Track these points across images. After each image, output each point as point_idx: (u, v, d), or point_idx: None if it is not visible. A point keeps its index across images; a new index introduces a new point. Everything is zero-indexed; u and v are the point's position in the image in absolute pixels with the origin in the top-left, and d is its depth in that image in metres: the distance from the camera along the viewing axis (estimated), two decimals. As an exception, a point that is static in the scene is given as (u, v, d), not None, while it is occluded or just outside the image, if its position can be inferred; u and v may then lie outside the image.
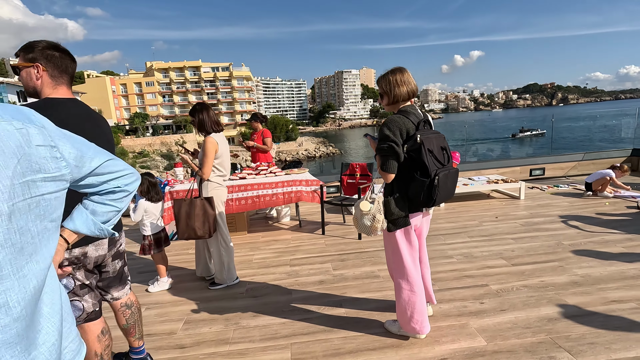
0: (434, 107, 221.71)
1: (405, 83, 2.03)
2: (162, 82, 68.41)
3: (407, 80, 2.04)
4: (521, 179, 6.92)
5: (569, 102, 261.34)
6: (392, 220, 2.05)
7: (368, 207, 2.03)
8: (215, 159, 2.94)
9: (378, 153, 2.01)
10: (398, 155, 1.95)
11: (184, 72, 68.86)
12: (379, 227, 2.04)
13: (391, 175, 2.02)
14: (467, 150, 13.77)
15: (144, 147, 51.58)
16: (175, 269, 3.76)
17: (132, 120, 58.70)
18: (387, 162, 1.99)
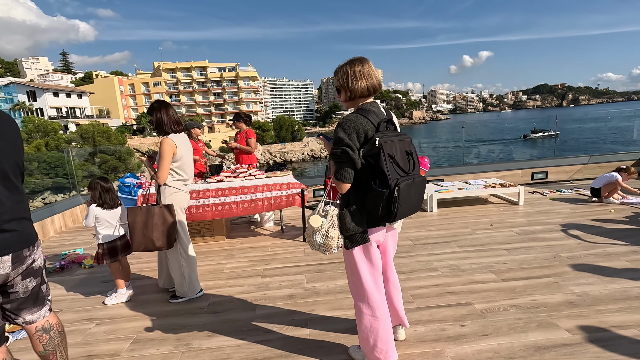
0: (442, 107, 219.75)
1: (366, 76, 1.75)
2: (170, 83, 68.91)
3: (367, 73, 1.76)
4: (522, 182, 6.57)
5: (580, 103, 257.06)
6: (348, 237, 1.78)
7: (319, 223, 1.75)
8: (173, 162, 2.70)
9: (332, 158, 1.74)
10: (354, 162, 1.67)
11: (191, 73, 69.23)
12: (333, 245, 1.77)
13: (346, 185, 1.75)
14: (469, 152, 13.39)
15: (150, 146, 51.91)
16: (140, 278, 3.53)
17: (139, 120, 59.20)
18: (341, 170, 1.72)
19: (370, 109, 1.75)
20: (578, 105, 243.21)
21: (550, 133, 50.92)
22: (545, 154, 27.12)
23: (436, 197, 5.19)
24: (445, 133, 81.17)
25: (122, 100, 66.77)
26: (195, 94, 69.24)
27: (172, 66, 69.59)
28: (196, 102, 68.96)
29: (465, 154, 13.24)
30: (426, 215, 5.08)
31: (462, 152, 8.76)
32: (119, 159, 40.26)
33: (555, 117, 14.69)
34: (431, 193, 5.21)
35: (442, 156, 13.70)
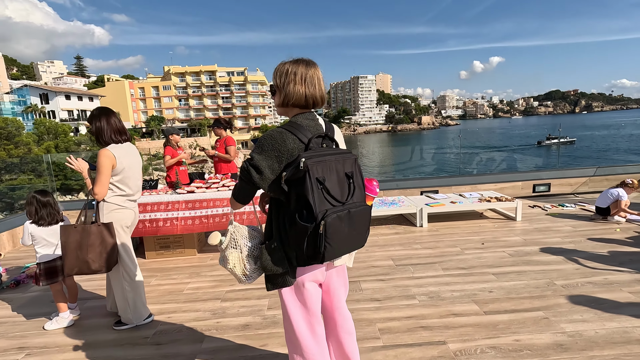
0: (451, 113, 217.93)
1: (307, 83, 1.45)
2: (179, 86, 69.75)
3: (311, 79, 1.46)
4: (523, 195, 6.18)
5: (593, 110, 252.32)
6: (267, 277, 1.48)
7: (217, 240, 1.48)
8: (113, 176, 2.43)
9: (240, 171, 1.47)
10: (254, 185, 1.40)
11: (200, 77, 69.95)
12: (238, 273, 1.48)
13: (237, 204, 1.47)
14: (471, 160, 12.86)
15: (158, 149, 52.27)
16: (93, 298, 3.27)
17: (148, 123, 59.88)
18: (237, 186, 1.45)
19: (304, 123, 1.45)
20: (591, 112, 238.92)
21: (566, 140, 49.68)
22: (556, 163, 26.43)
23: (426, 211, 4.85)
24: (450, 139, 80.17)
25: (133, 103, 67.80)
26: (204, 98, 69.89)
27: (181, 70, 70.46)
28: (205, 105, 69.64)
29: (467, 162, 12.73)
30: (415, 231, 4.74)
31: (461, 161, 8.37)
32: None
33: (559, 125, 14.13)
34: (421, 207, 4.87)
35: (442, 164, 13.26)
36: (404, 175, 17.81)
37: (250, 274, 1.53)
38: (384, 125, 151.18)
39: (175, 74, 69.70)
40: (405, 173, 13.63)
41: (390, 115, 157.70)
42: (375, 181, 1.55)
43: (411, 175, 15.76)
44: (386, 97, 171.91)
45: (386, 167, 22.81)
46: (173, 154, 5.05)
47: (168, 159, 4.99)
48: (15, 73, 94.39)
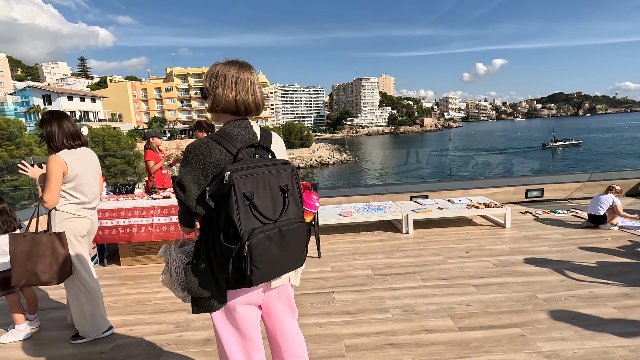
0: (454, 115, 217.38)
1: (239, 87, 1.33)
2: (181, 88, 70.05)
3: (243, 83, 1.34)
4: (515, 201, 6.02)
5: (597, 112, 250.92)
6: (193, 299, 1.36)
7: (160, 253, 1.37)
8: (65, 183, 2.32)
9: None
10: (183, 205, 1.28)
11: (202, 78, 70.12)
12: (178, 289, 1.37)
13: (187, 229, 1.35)
14: (466, 164, 12.66)
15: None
16: (58, 308, 3.15)
17: (150, 124, 60.07)
18: (179, 209, 1.32)
19: (234, 132, 1.33)
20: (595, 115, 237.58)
21: (572, 142, 49.12)
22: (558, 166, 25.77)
23: (412, 218, 4.71)
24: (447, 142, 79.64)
25: (135, 104, 68.18)
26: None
27: (184, 72, 70.79)
28: (206, 107, 69.61)
29: (463, 165, 12.54)
30: (400, 238, 4.60)
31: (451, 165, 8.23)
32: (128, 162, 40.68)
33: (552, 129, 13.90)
34: (407, 213, 4.73)
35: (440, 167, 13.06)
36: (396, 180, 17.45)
37: (185, 298, 1.41)
38: (386, 127, 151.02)
39: (177, 75, 70.02)
40: (399, 177, 13.50)
41: (392, 117, 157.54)
42: (314, 194, 1.42)
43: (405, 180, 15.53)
44: (388, 99, 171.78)
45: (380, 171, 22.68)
46: (155, 158, 4.95)
47: (152, 165, 4.90)
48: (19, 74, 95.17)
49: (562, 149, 47.37)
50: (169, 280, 1.35)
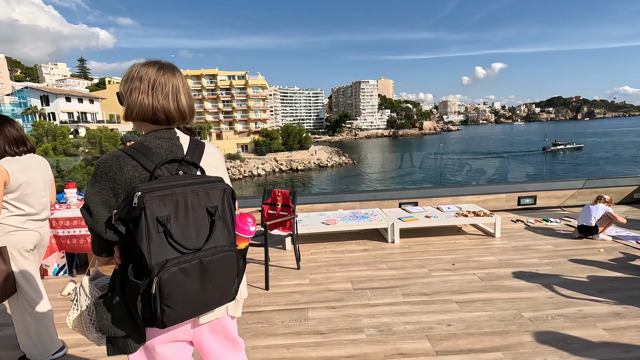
0: (453, 118, 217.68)
1: (158, 92, 1.14)
2: (180, 90, 70.03)
3: (161, 87, 1.14)
4: (507, 208, 5.85)
5: (595, 117, 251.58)
6: (108, 339, 1.17)
7: (67, 290, 1.18)
8: (8, 194, 2.14)
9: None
10: (94, 229, 1.09)
11: (201, 80, 70.20)
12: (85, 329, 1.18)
13: (103, 259, 1.17)
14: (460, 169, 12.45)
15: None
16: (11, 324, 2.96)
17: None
18: (91, 236, 1.14)
19: (153, 144, 1.14)
20: (593, 119, 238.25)
21: (573, 146, 48.67)
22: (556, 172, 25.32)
23: (398, 227, 4.53)
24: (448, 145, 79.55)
25: (133, 106, 68.08)
26: (205, 102, 70.13)
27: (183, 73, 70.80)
28: (205, 109, 69.89)
29: (458, 170, 12.32)
30: (385, 248, 4.42)
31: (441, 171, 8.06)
32: (125, 164, 40.46)
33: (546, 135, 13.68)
34: (393, 221, 4.55)
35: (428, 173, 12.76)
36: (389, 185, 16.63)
37: (99, 340, 1.22)
38: (385, 130, 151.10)
39: (175, 77, 69.96)
40: (393, 181, 13.27)
41: (391, 120, 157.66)
42: (250, 217, 1.24)
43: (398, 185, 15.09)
44: (388, 102, 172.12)
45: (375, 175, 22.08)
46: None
47: None
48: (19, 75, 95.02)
49: (563, 153, 46.99)
50: (79, 322, 1.16)
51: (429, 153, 21.59)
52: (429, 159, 16.44)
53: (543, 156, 40.47)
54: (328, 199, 5.72)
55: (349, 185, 30.49)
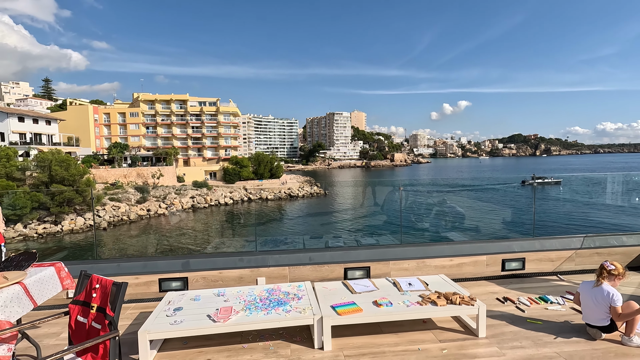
0: (423, 151, 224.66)
1: None
2: (147, 114, 67.54)
3: None
4: (488, 275, 4.37)
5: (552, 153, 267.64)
6: None
7: None
8: None
9: None
10: None
11: (171, 105, 68.21)
12: None
13: None
14: (428, 211, 10.86)
15: (118, 178, 48.58)
16: None
17: (110, 150, 56.47)
18: None
19: None
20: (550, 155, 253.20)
21: (552, 180, 49.69)
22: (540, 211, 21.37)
23: (330, 324, 2.86)
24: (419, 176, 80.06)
25: (96, 129, 64.80)
26: (173, 127, 67.80)
27: (151, 98, 68.64)
28: (173, 134, 67.52)
29: (424, 213, 10.80)
30: (308, 358, 2.71)
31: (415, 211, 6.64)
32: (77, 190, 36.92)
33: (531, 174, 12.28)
34: (322, 314, 2.88)
35: (391, 216, 10.83)
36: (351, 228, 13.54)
37: None
38: (358, 160, 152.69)
39: (144, 101, 67.64)
40: (353, 224, 11.65)
41: (364, 151, 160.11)
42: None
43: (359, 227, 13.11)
44: (361, 133, 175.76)
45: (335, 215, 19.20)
46: None
47: None
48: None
49: (541, 187, 47.72)
50: None
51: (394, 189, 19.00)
52: (394, 196, 14.78)
53: (523, 190, 40.12)
54: (245, 262, 4.01)
55: (317, 221, 27.14)
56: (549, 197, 20.03)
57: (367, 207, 12.67)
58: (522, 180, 49.55)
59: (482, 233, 10.86)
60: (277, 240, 6.62)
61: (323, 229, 15.48)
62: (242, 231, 21.25)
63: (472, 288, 4.03)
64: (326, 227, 15.49)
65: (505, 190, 22.64)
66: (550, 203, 18.28)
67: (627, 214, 14.69)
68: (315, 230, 14.97)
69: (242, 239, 14.25)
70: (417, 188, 26.05)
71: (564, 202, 12.78)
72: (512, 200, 19.43)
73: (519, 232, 10.89)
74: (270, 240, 6.23)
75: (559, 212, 12.82)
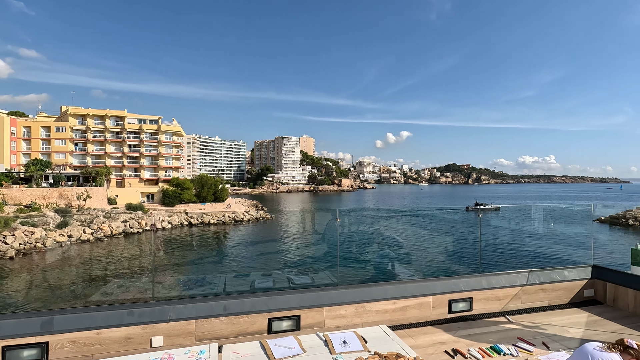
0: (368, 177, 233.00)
1: None
2: (77, 129, 61.41)
3: None
4: (435, 319, 3.85)
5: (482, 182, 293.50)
6: None
7: None
8: None
9: None
10: None
11: (105, 121, 62.84)
12: None
13: None
14: (370, 241, 9.90)
15: (35, 199, 42.55)
16: None
17: (28, 167, 49.75)
18: None
19: None
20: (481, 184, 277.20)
21: (492, 207, 54.06)
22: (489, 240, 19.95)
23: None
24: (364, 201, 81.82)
25: (12, 143, 57.10)
26: (107, 144, 62.25)
27: (82, 112, 62.73)
28: (107, 152, 61.84)
29: (367, 241, 10.25)
30: None
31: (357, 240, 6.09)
32: (-19, 212, 31.51)
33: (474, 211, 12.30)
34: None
35: (331, 248, 10.04)
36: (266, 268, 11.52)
37: None
38: (306, 184, 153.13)
39: (74, 115, 61.57)
40: (293, 254, 10.74)
41: (312, 175, 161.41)
42: None
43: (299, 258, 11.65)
44: (309, 158, 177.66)
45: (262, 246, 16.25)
46: None
47: None
48: None
49: (484, 213, 50.97)
50: None
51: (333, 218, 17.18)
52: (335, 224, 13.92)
53: (468, 216, 41.97)
54: (136, 317, 3.03)
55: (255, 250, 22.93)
56: (489, 225, 20.64)
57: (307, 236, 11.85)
58: (467, 207, 53.13)
59: (427, 265, 10.58)
60: (192, 281, 5.57)
61: (256, 263, 13.44)
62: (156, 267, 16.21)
63: (417, 338, 3.46)
64: (261, 260, 13.48)
65: (448, 219, 23.09)
66: (490, 230, 18.87)
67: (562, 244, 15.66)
68: (246, 265, 12.43)
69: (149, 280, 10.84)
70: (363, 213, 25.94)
71: (501, 230, 13.04)
72: (454, 228, 19.67)
73: (462, 261, 10.76)
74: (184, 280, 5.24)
75: (500, 241, 13.10)
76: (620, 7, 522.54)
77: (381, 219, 22.47)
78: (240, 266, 10.35)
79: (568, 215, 20.68)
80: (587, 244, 5.90)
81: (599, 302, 4.37)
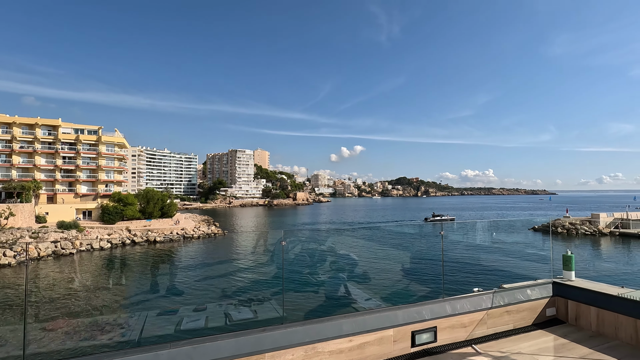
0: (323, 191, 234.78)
1: None
2: (1, 139, 54.62)
3: None
4: (397, 355, 3.33)
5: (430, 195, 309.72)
6: None
7: None
8: None
9: None
10: None
11: (35, 130, 56.58)
12: None
13: None
14: (322, 258, 8.66)
15: None
16: None
17: None
18: None
19: None
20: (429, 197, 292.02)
21: (447, 218, 57.52)
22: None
23: None
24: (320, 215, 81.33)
25: None
26: (37, 156, 55.90)
27: (7, 120, 56.01)
28: (36, 165, 55.43)
29: (319, 259, 9.17)
30: None
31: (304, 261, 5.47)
32: None
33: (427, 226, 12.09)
34: None
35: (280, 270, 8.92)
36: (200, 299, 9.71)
37: None
38: (260, 198, 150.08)
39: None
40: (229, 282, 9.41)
41: (267, 189, 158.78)
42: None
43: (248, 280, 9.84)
44: (264, 172, 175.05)
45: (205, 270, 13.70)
46: None
47: None
48: None
49: (440, 224, 53.36)
50: None
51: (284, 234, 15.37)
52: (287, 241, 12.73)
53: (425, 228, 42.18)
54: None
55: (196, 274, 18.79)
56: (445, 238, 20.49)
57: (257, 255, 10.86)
58: (425, 218, 55.71)
59: (384, 286, 9.94)
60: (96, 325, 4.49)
61: (193, 290, 11.19)
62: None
63: (379, 383, 2.91)
64: (200, 287, 11.41)
65: (406, 233, 22.86)
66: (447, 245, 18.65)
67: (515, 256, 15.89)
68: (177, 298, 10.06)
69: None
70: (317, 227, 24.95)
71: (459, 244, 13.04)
72: (411, 243, 19.17)
73: (421, 280, 10.22)
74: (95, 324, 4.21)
75: (458, 257, 13.02)
76: (540, 39, 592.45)
77: (335, 234, 21.51)
78: (169, 300, 8.48)
79: (511, 226, 21.76)
80: (535, 255, 5.83)
81: (562, 322, 4.16)
